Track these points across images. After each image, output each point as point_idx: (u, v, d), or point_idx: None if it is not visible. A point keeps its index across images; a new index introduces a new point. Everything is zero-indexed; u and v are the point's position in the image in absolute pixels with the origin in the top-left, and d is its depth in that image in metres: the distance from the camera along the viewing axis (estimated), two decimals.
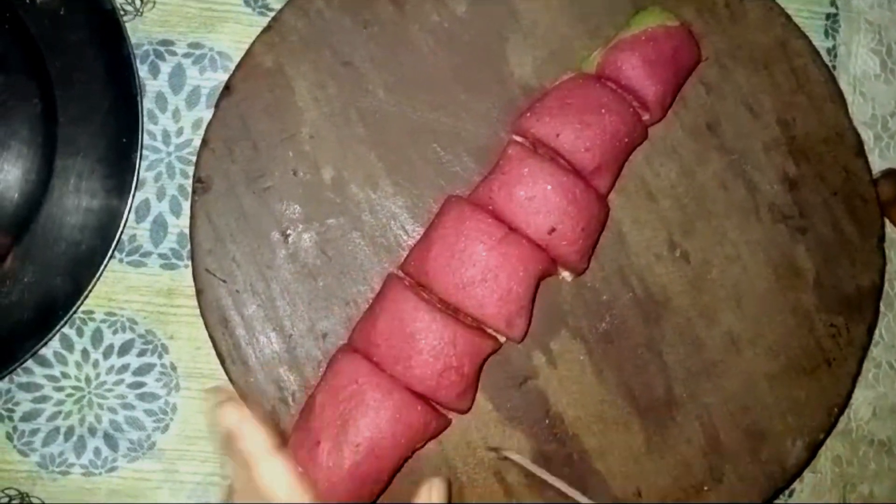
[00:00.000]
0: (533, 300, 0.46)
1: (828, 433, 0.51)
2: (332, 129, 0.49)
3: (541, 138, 0.46)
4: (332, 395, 0.42)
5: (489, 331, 0.45)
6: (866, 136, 0.56)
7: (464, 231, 0.44)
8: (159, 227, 0.51)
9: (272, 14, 0.50)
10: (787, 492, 0.53)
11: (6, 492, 0.49)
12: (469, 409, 0.45)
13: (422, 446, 0.45)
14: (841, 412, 0.51)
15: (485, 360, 0.45)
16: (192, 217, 0.47)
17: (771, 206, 0.51)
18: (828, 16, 0.56)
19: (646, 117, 0.49)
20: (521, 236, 0.45)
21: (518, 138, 0.48)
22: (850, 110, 0.53)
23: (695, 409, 0.49)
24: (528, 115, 0.47)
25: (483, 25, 0.50)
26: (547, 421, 0.48)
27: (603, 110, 0.46)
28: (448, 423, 0.45)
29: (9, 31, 0.49)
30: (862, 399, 0.55)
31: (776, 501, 0.53)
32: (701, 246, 0.50)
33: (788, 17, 0.52)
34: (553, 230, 0.45)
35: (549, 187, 0.45)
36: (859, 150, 0.52)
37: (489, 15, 0.50)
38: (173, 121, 0.51)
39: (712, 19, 0.51)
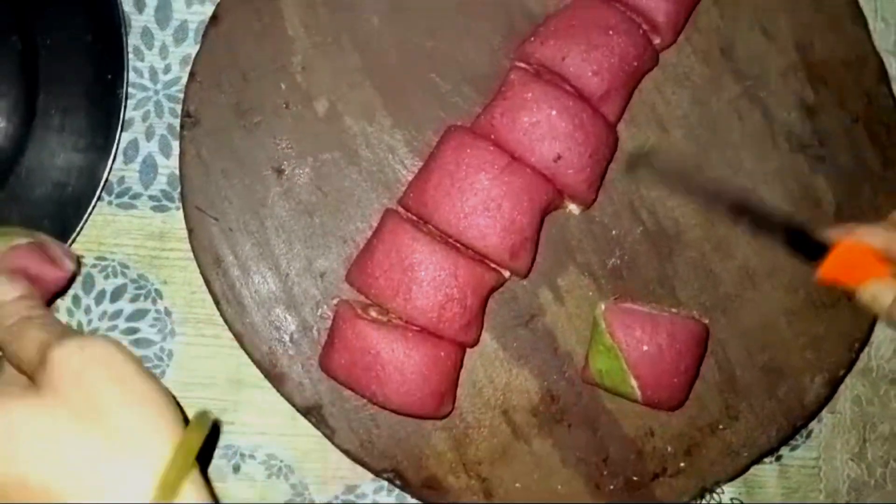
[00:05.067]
0: (538, 233, 0.44)
1: (848, 369, 0.49)
2: (325, 59, 0.46)
3: (545, 63, 0.44)
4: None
5: (492, 265, 0.43)
6: (889, 64, 0.53)
7: (465, 160, 0.42)
8: (149, 167, 0.49)
9: None
10: (804, 432, 0.51)
11: None
12: (475, 342, 0.44)
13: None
14: (862, 348, 0.49)
15: (489, 293, 0.44)
16: (181, 153, 0.45)
17: (788, 135, 0.49)
18: None
19: (656, 41, 0.46)
20: (525, 165, 0.42)
21: (521, 64, 0.45)
22: (872, 37, 0.50)
23: (709, 346, 0.47)
24: (532, 39, 0.45)
25: None
26: (555, 360, 0.46)
27: (611, 32, 0.44)
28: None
29: None
30: (883, 337, 0.53)
31: (793, 442, 0.51)
32: (715, 177, 0.48)
33: None
34: (559, 157, 0.42)
35: (555, 112, 0.42)
36: (882, 74, 0.50)
37: None
38: (160, 57, 0.49)
39: None
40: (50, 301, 0.46)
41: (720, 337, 0.47)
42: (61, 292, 0.46)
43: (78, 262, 0.46)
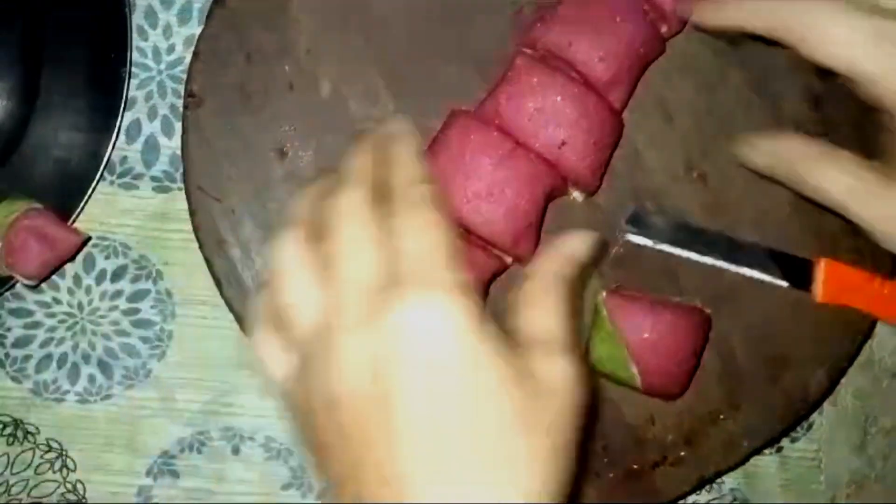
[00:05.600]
0: (541, 219, 0.44)
1: (850, 362, 0.48)
2: (330, 42, 0.46)
3: (552, 48, 0.43)
4: None
5: (495, 251, 0.43)
6: None
7: (468, 145, 0.41)
8: (151, 148, 0.49)
9: None
10: (805, 425, 0.51)
11: (0, 418, 0.48)
12: None
13: None
14: (864, 341, 0.49)
15: (491, 279, 0.43)
16: (183, 133, 0.45)
17: (796, 125, 0.48)
18: None
19: (663, 29, 0.46)
20: (529, 150, 0.42)
21: (527, 49, 0.45)
22: None
23: (712, 335, 0.47)
24: (538, 24, 0.44)
25: None
26: None
27: (618, 18, 0.43)
28: None
29: None
30: (886, 331, 0.52)
31: (794, 434, 0.51)
32: (720, 167, 0.48)
33: None
34: (563, 144, 0.42)
35: (560, 98, 0.42)
36: None
37: None
38: (164, 37, 0.49)
39: None
40: (52, 272, 0.46)
41: (723, 327, 0.47)
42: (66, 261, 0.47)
43: (88, 239, 0.47)
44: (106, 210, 0.48)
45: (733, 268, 0.46)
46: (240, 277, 0.45)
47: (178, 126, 0.48)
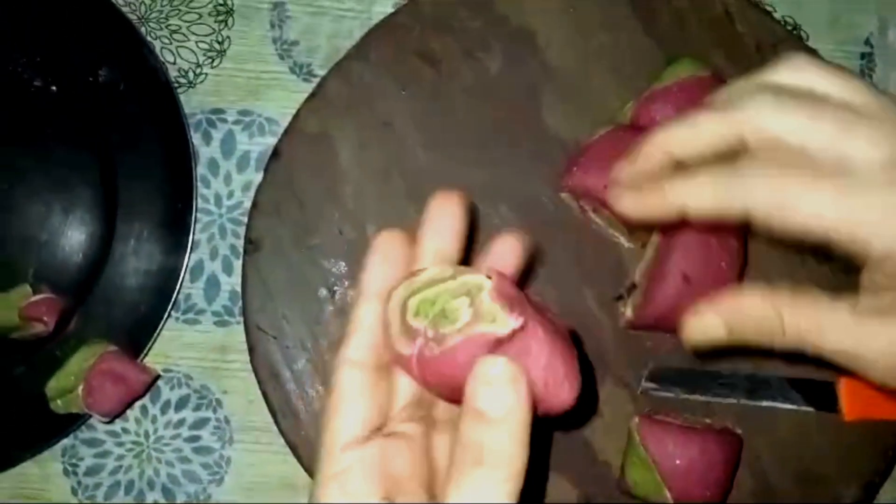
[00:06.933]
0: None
1: (883, 477, 0.50)
2: (374, 188, 0.51)
3: (590, 189, 0.47)
4: None
5: None
6: None
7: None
8: (212, 285, 0.53)
9: (316, 80, 0.53)
10: None
11: None
12: None
13: None
14: None
15: None
16: (243, 276, 0.50)
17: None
18: (863, 55, 0.57)
19: None
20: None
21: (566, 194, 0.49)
22: None
23: (743, 455, 0.48)
24: (576, 169, 0.48)
25: (517, 82, 0.52)
26: (593, 469, 0.48)
27: None
28: None
29: (73, 105, 0.53)
30: None
31: None
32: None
33: (822, 60, 0.52)
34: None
35: None
36: None
37: (523, 72, 0.52)
38: (225, 184, 0.54)
39: (744, 66, 0.52)
40: (125, 408, 0.50)
41: (754, 445, 0.49)
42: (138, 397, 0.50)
43: (157, 377, 0.51)
44: (171, 344, 0.52)
45: (758, 403, 0.48)
46: (294, 408, 0.48)
47: (238, 264, 0.52)
